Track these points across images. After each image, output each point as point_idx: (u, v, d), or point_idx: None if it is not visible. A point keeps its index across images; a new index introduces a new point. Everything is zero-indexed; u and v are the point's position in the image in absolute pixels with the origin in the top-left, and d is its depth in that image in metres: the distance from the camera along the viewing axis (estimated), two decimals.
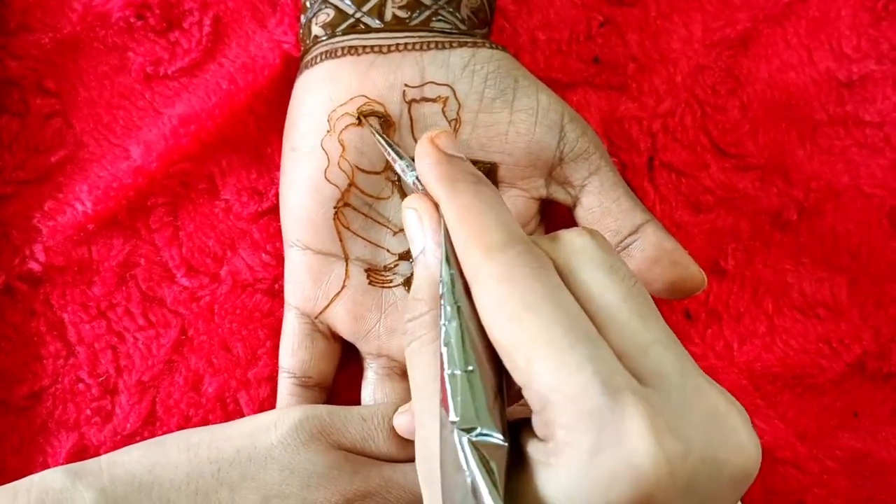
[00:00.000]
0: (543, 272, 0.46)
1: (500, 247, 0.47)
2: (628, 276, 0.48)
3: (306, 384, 0.67)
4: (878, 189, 0.76)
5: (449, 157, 0.53)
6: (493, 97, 0.65)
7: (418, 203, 0.54)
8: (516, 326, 0.44)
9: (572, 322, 0.44)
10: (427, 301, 0.51)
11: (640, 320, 0.46)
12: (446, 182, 0.51)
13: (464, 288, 0.48)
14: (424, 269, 0.52)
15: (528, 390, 0.44)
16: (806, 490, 0.72)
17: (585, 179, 0.65)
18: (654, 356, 0.45)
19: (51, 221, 0.71)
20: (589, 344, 0.44)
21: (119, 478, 0.59)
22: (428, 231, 0.52)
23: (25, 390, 0.70)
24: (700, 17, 0.77)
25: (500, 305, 0.45)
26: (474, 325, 0.47)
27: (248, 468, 0.59)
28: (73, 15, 0.73)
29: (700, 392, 0.45)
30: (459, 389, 0.45)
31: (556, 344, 0.43)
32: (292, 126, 0.67)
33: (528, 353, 0.44)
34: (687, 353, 0.47)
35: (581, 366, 0.42)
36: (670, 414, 0.43)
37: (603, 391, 0.42)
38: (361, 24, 0.65)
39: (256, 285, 0.72)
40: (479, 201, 0.50)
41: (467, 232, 0.48)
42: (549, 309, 0.44)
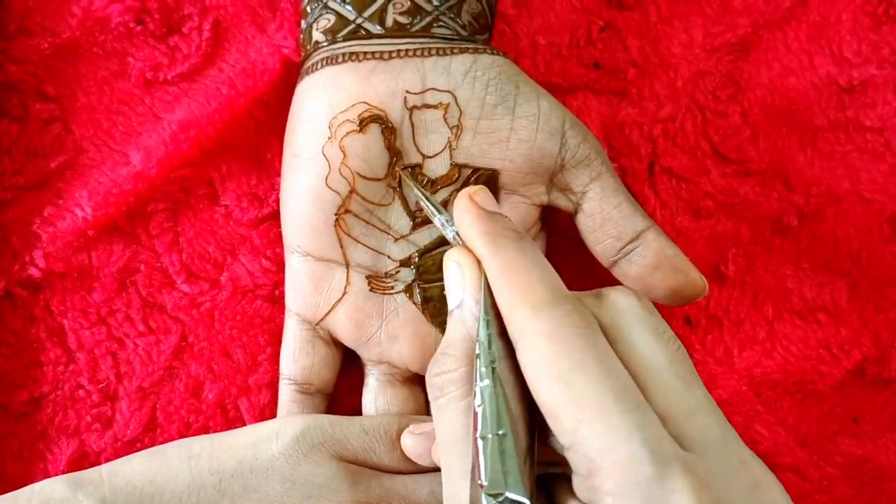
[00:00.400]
0: (592, 333, 0.46)
1: (548, 304, 0.47)
2: (673, 339, 0.48)
3: (307, 391, 0.67)
4: (879, 194, 0.76)
5: (490, 214, 0.53)
6: (494, 104, 0.64)
7: (461, 257, 0.54)
8: (565, 388, 0.44)
9: (621, 387, 0.44)
10: (459, 358, 0.51)
11: (685, 385, 0.46)
12: (489, 238, 0.51)
13: (503, 349, 0.48)
14: (460, 323, 0.52)
15: (574, 453, 0.44)
16: (806, 496, 0.72)
17: (587, 186, 0.65)
18: (699, 423, 0.45)
19: (50, 227, 0.71)
20: (638, 411, 0.44)
21: (120, 488, 0.59)
22: (469, 286, 0.52)
23: (26, 396, 0.69)
24: (701, 22, 0.77)
25: (549, 365, 0.45)
26: (511, 386, 0.47)
27: (249, 480, 0.59)
28: (72, 20, 0.73)
29: (743, 461, 0.46)
30: (490, 453, 0.45)
31: (606, 409, 0.43)
32: (293, 132, 0.67)
33: (576, 416, 0.44)
34: (727, 421, 0.47)
35: (630, 433, 0.43)
36: (716, 485, 0.43)
37: (651, 461, 0.42)
38: (362, 30, 0.65)
39: (257, 291, 0.72)
40: (523, 258, 0.50)
41: (513, 289, 0.48)
42: (598, 372, 0.44)
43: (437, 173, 0.65)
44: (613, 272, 0.66)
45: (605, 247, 0.65)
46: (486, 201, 0.54)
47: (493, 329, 0.49)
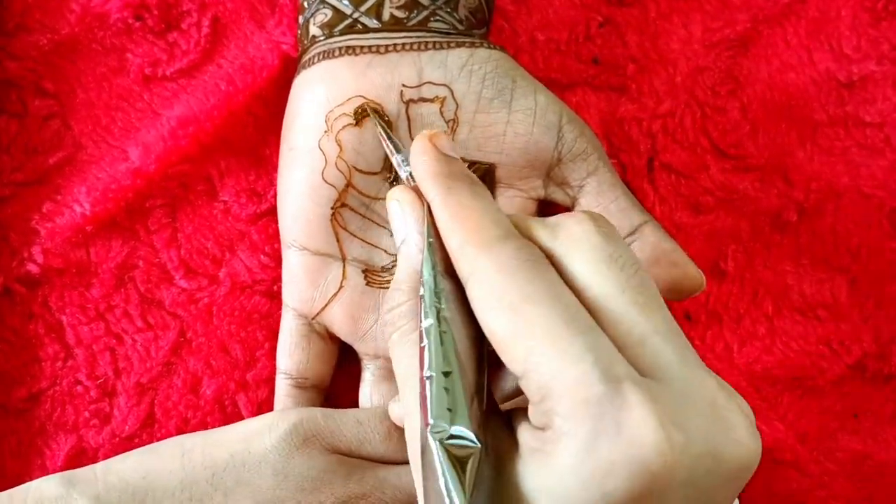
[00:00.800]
0: (540, 265, 0.47)
1: (499, 240, 0.47)
2: (629, 264, 0.48)
3: (303, 385, 0.67)
4: (879, 190, 0.76)
5: (446, 157, 0.53)
6: (490, 97, 0.64)
7: (402, 195, 0.54)
8: (515, 317, 0.44)
9: (571, 313, 0.44)
10: (407, 291, 0.51)
11: (639, 310, 0.46)
12: (443, 180, 0.51)
13: (449, 287, 0.48)
14: (405, 259, 0.53)
15: (527, 381, 0.44)
16: (806, 492, 0.72)
17: (583, 180, 0.65)
18: (653, 347, 0.45)
19: (49, 223, 0.71)
20: (589, 334, 0.44)
21: (113, 485, 0.59)
22: (410, 221, 0.53)
23: (24, 392, 0.69)
24: (700, 18, 0.77)
25: (498, 297, 0.45)
26: (458, 325, 0.47)
27: (242, 473, 0.59)
28: (71, 16, 0.73)
29: (701, 384, 0.45)
30: (435, 391, 0.45)
31: (556, 334, 0.43)
32: (289, 126, 0.67)
33: (527, 344, 0.44)
34: (689, 345, 0.47)
35: (581, 355, 0.42)
36: (671, 405, 0.43)
37: (602, 379, 0.42)
38: (359, 25, 0.65)
39: (255, 287, 0.72)
40: (475, 200, 0.50)
41: (465, 228, 0.48)
42: (548, 300, 0.44)
43: None
44: None
45: None
46: (445, 144, 0.54)
47: (438, 268, 0.49)
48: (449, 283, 0.49)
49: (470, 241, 0.48)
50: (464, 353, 0.46)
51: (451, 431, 0.44)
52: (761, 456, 0.46)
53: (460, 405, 0.45)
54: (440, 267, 0.49)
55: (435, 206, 0.51)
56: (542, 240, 0.49)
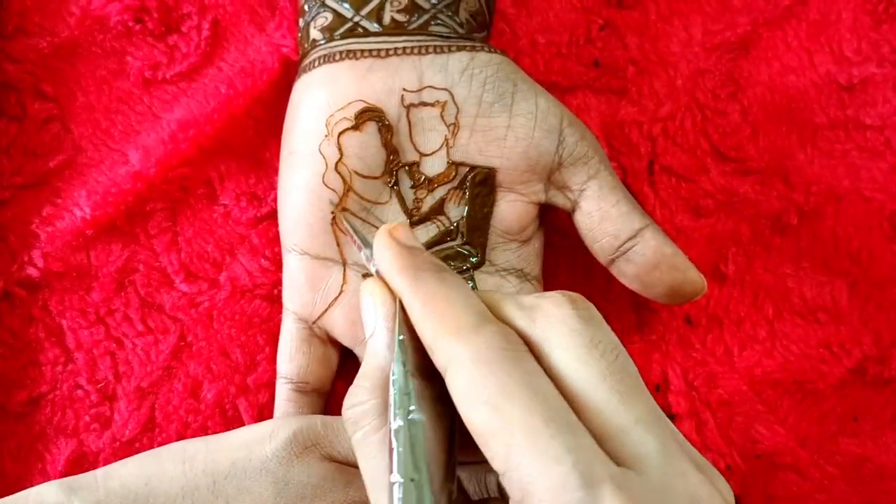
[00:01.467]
0: (518, 354, 0.46)
1: (472, 328, 0.46)
2: (609, 349, 0.47)
3: (303, 390, 0.67)
4: (879, 193, 0.76)
5: (409, 249, 0.52)
6: (491, 101, 0.64)
7: (373, 288, 0.53)
8: (494, 413, 0.44)
9: (551, 409, 0.44)
10: (370, 389, 0.50)
11: (620, 398, 0.45)
12: (409, 272, 0.50)
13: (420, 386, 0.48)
14: (371, 355, 0.52)
15: (507, 479, 0.43)
16: (807, 496, 0.72)
17: (584, 184, 0.65)
18: (635, 437, 0.44)
19: (49, 227, 0.71)
20: (568, 432, 0.43)
21: (114, 491, 0.58)
22: (379, 316, 0.52)
23: (24, 396, 0.69)
24: (700, 21, 0.77)
25: (476, 390, 0.44)
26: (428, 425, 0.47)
27: (243, 481, 0.59)
28: (71, 19, 0.73)
29: (683, 475, 0.44)
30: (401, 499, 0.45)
31: (536, 432, 0.43)
32: (290, 130, 0.67)
33: (506, 442, 0.43)
34: (672, 431, 0.47)
35: (560, 457, 0.42)
36: (651, 500, 0.42)
37: (582, 484, 0.41)
38: (360, 28, 0.65)
39: (255, 291, 0.72)
40: (444, 288, 0.49)
41: (437, 317, 0.48)
42: (526, 395, 0.44)
43: (434, 171, 0.65)
44: (611, 270, 0.66)
45: (603, 245, 0.65)
46: (406, 236, 0.53)
47: (409, 366, 0.48)
48: (419, 383, 0.48)
49: (443, 332, 0.47)
50: (433, 456, 0.46)
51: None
52: (762, 459, 0.46)
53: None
54: (410, 365, 0.48)
55: (405, 299, 0.50)
56: (519, 324, 0.48)
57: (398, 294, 0.51)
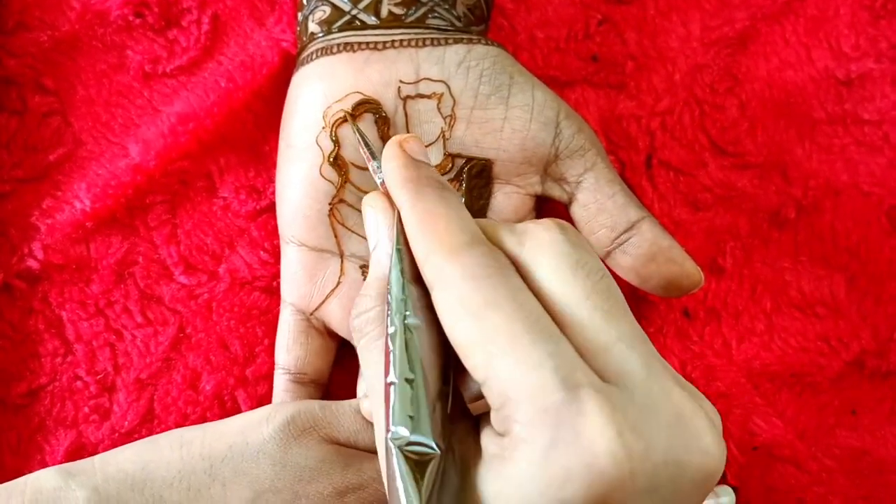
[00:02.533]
0: (505, 272, 0.46)
1: (464, 247, 0.47)
2: (594, 271, 0.48)
3: (301, 381, 0.67)
4: (877, 187, 0.76)
5: (416, 162, 0.53)
6: (488, 93, 0.65)
7: (374, 201, 0.54)
8: (477, 324, 0.44)
9: (534, 320, 0.44)
10: (374, 297, 0.52)
11: (603, 316, 0.46)
12: (411, 185, 0.51)
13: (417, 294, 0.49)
14: (376, 264, 0.53)
15: (488, 387, 0.44)
16: (805, 488, 0.72)
17: (581, 176, 0.65)
18: (618, 354, 0.45)
19: (49, 219, 0.71)
20: (550, 341, 0.43)
21: (112, 476, 0.59)
22: (381, 227, 0.53)
23: (23, 388, 0.70)
24: (698, 16, 0.77)
25: (461, 303, 0.45)
26: (424, 332, 0.47)
27: (239, 464, 0.59)
28: (71, 13, 0.73)
29: (666, 391, 0.45)
30: (398, 398, 0.45)
31: (517, 341, 0.43)
32: (287, 123, 0.67)
33: (488, 350, 0.44)
34: (655, 352, 0.47)
35: (541, 362, 0.42)
36: (632, 412, 0.43)
37: (562, 387, 0.42)
38: (357, 21, 0.65)
39: (254, 283, 0.72)
40: (443, 205, 0.50)
41: (431, 233, 0.48)
42: (510, 306, 0.44)
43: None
44: (608, 263, 0.66)
45: (600, 237, 0.65)
46: (415, 149, 0.54)
47: (406, 275, 0.49)
48: (416, 290, 0.49)
49: (435, 248, 0.47)
50: (428, 360, 0.47)
51: (410, 438, 0.44)
52: (760, 451, 0.46)
53: (422, 412, 0.45)
54: (408, 273, 0.49)
55: (403, 212, 0.51)
56: (509, 246, 0.49)
57: (398, 205, 0.52)
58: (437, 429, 0.45)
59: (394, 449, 0.44)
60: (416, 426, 0.45)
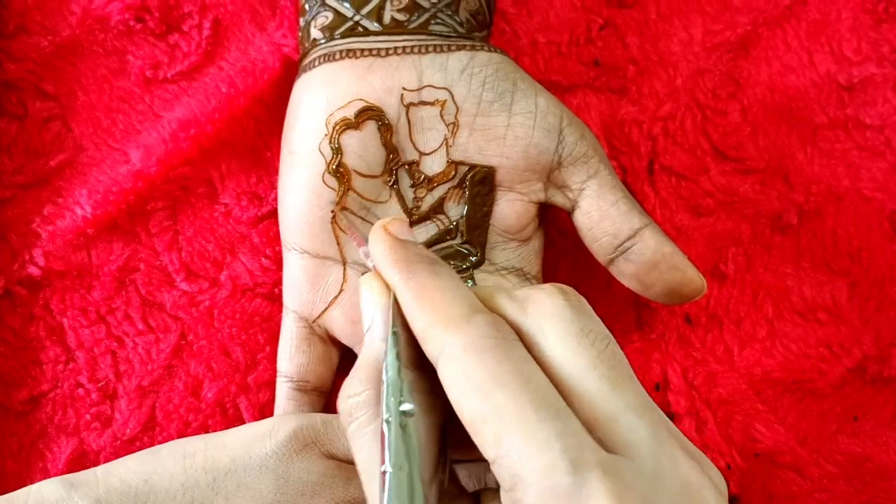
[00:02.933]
0: (508, 343, 0.46)
1: (463, 318, 0.47)
2: (600, 338, 0.48)
3: (304, 388, 0.67)
4: (879, 192, 0.76)
5: (403, 242, 0.53)
6: (491, 100, 0.65)
7: (371, 282, 0.54)
8: (484, 401, 0.44)
9: (540, 395, 0.44)
10: (365, 381, 0.51)
11: (610, 386, 0.46)
12: (402, 265, 0.51)
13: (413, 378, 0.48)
14: (369, 346, 0.53)
15: (498, 466, 0.44)
16: (806, 494, 0.72)
17: (584, 183, 0.65)
18: (625, 424, 0.45)
19: (50, 226, 0.71)
20: (557, 419, 0.43)
21: (114, 487, 0.59)
22: (377, 308, 0.53)
23: (25, 395, 0.69)
24: (700, 20, 0.77)
25: (467, 378, 0.45)
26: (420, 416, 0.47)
27: (242, 478, 0.59)
28: (72, 18, 0.73)
29: (673, 462, 0.45)
30: (391, 487, 0.45)
31: (525, 419, 0.43)
32: (290, 129, 0.67)
33: (496, 429, 0.43)
34: (662, 419, 0.47)
35: (549, 443, 0.42)
36: (640, 485, 0.42)
37: (570, 470, 0.42)
38: (360, 28, 0.65)
39: (256, 290, 0.72)
40: (436, 280, 0.50)
41: (428, 307, 0.48)
42: (516, 382, 0.44)
43: (434, 170, 0.65)
44: (611, 270, 0.66)
45: (602, 244, 0.65)
46: (400, 230, 0.54)
47: (402, 359, 0.49)
48: (413, 374, 0.49)
49: (435, 322, 0.47)
50: (424, 444, 0.47)
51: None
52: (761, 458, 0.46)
53: (417, 498, 0.45)
54: (404, 357, 0.49)
55: (398, 292, 0.51)
56: (511, 315, 0.49)
57: (391, 286, 0.51)
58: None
59: None
60: None
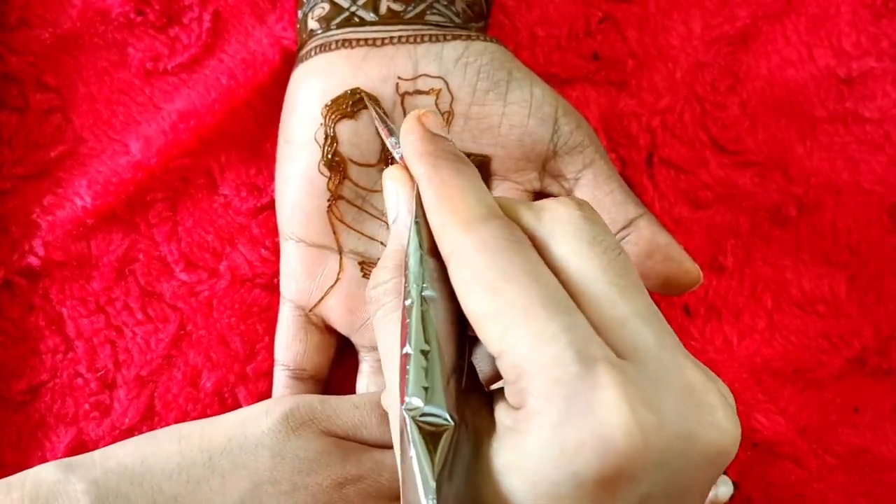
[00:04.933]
0: (521, 245, 0.46)
1: (479, 220, 0.47)
2: (611, 247, 0.48)
3: (300, 377, 0.67)
4: (878, 185, 0.76)
5: (433, 136, 0.54)
6: (486, 89, 0.65)
7: (395, 173, 0.55)
8: (493, 297, 0.44)
9: (550, 293, 0.44)
10: (392, 269, 0.52)
11: (619, 292, 0.46)
12: (429, 158, 0.52)
13: (434, 267, 0.49)
14: (394, 236, 0.53)
15: (503, 360, 0.44)
16: (805, 485, 0.72)
17: (579, 172, 0.65)
18: (632, 329, 0.45)
19: (50, 216, 0.71)
20: (565, 315, 0.43)
21: (111, 469, 0.59)
22: (401, 199, 0.53)
23: (24, 385, 0.70)
24: (699, 14, 0.77)
25: (478, 276, 0.45)
26: (441, 305, 0.47)
27: (238, 456, 0.59)
28: (72, 10, 0.73)
29: (678, 367, 0.45)
30: (413, 369, 0.45)
31: (533, 314, 0.43)
32: (286, 119, 0.67)
33: (503, 323, 0.44)
34: (668, 328, 0.47)
35: (556, 335, 0.42)
36: (645, 386, 0.42)
37: (576, 360, 0.42)
38: (356, 18, 0.65)
39: (255, 280, 0.72)
40: (460, 178, 0.50)
41: (447, 206, 0.48)
42: (526, 280, 0.44)
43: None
44: None
45: None
46: (433, 123, 0.55)
47: (424, 248, 0.49)
48: (434, 262, 0.49)
49: (452, 220, 0.48)
50: (444, 332, 0.47)
51: (424, 409, 0.44)
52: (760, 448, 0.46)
53: (437, 384, 0.45)
54: (426, 246, 0.49)
55: (421, 185, 0.51)
56: (526, 221, 0.49)
57: (416, 178, 0.52)
58: (451, 401, 0.45)
59: (408, 419, 0.44)
60: (431, 397, 0.45)
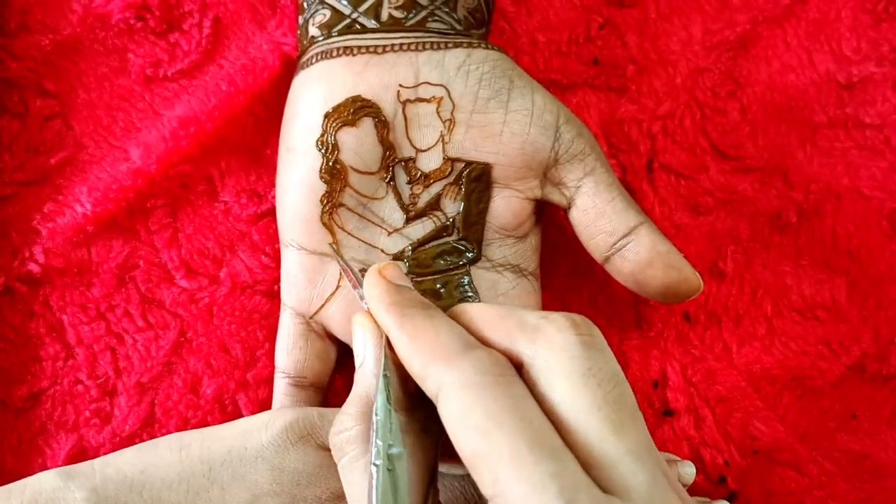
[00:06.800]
0: (505, 379, 0.46)
1: (460, 353, 0.47)
2: (607, 378, 0.47)
3: (301, 384, 0.67)
4: (878, 191, 0.76)
5: (397, 287, 0.54)
6: (487, 97, 0.65)
7: (363, 320, 0.55)
8: (480, 439, 0.44)
9: (537, 435, 0.44)
10: (356, 416, 0.52)
11: (613, 429, 0.45)
12: (395, 308, 0.52)
13: (403, 420, 0.49)
14: (359, 382, 0.54)
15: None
16: (805, 492, 0.72)
17: (580, 181, 0.65)
18: (624, 469, 0.45)
19: (50, 223, 0.71)
20: (553, 460, 0.43)
21: (111, 477, 0.59)
22: (369, 346, 0.54)
23: (25, 392, 0.70)
24: (700, 19, 0.77)
25: (464, 416, 0.45)
26: (408, 459, 0.48)
27: (238, 468, 0.59)
28: (73, 16, 0.73)
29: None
30: None
31: (521, 458, 0.43)
32: (287, 126, 0.67)
33: (493, 468, 0.43)
34: (662, 464, 0.47)
35: (544, 484, 0.42)
36: None
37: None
38: (357, 25, 0.65)
39: (255, 287, 0.72)
40: (431, 322, 0.50)
41: (424, 347, 0.48)
42: (513, 421, 0.44)
43: (430, 167, 0.65)
44: (607, 268, 0.66)
45: (598, 242, 0.65)
46: (395, 275, 0.55)
47: (392, 402, 0.49)
48: (402, 417, 0.49)
49: (432, 359, 0.48)
50: (412, 487, 0.47)
51: None
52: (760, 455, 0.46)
53: None
54: (394, 400, 0.50)
55: (392, 334, 0.51)
56: (520, 345, 0.49)
57: (385, 330, 0.52)
58: None
59: None
60: None
